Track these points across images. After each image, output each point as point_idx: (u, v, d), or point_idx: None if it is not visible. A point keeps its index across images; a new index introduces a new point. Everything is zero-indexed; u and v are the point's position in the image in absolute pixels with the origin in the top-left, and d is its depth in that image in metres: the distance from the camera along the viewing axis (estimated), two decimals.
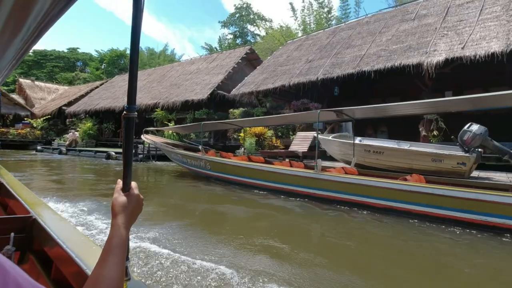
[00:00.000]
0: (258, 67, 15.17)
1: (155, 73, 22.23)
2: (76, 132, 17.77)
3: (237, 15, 39.39)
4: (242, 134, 11.20)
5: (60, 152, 16.51)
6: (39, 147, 18.77)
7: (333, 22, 26.76)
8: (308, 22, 28.89)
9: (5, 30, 0.75)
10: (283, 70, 13.11)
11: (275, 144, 11.17)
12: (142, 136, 10.61)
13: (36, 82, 30.87)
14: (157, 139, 10.82)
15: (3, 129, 21.69)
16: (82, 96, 26.49)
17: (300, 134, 9.98)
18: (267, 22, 37.82)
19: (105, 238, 0.75)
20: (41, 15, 0.71)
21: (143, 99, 18.20)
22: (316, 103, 11.48)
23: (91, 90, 27.40)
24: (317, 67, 11.41)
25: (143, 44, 42.82)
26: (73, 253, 0.92)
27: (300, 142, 9.33)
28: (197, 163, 8.16)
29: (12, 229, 1.20)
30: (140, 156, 13.03)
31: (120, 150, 6.09)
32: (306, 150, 8.91)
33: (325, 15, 28.48)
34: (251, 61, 18.21)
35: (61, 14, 0.73)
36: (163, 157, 12.79)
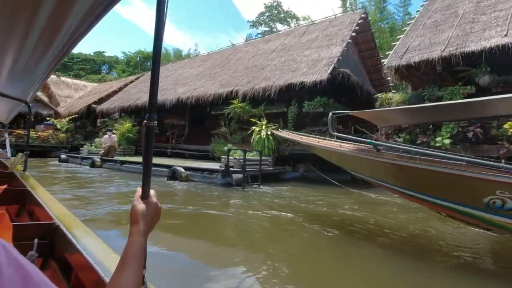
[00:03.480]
0: (410, 26, 9.20)
1: (212, 58, 16.84)
2: (113, 135, 12.44)
3: (266, 14, 38.26)
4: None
5: (93, 164, 11.17)
6: (63, 156, 13.64)
7: None
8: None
9: (38, 45, 1.00)
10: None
11: None
12: (277, 132, 5.08)
13: (62, 78, 26.48)
14: (296, 136, 5.12)
15: (19, 131, 16.91)
16: (115, 92, 21.64)
17: None
18: (299, 21, 34.99)
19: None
20: (70, 32, 0.91)
21: (207, 87, 12.69)
22: None
23: (125, 85, 22.54)
24: None
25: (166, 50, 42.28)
26: (93, 261, 0.92)
27: None
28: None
29: (36, 235, 1.19)
30: (237, 177, 7.30)
31: (187, 164, 5.36)
32: None
33: None
34: (360, 33, 12.27)
35: (88, 31, 0.92)
36: (270, 177, 7.57)
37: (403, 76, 9.16)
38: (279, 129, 9.36)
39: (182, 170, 8.03)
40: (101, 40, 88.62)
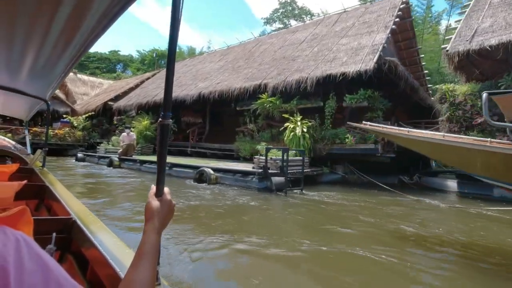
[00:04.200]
0: (471, 7, 7.93)
1: (233, 52, 15.90)
2: (132, 133, 11.66)
3: (280, 11, 37.59)
4: None
5: (111, 164, 10.42)
6: (79, 154, 13.02)
7: None
8: None
9: (57, 44, 1.04)
10: None
11: None
12: (364, 125, 4.00)
13: (79, 75, 26.23)
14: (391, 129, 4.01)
15: (36, 129, 16.50)
16: (131, 89, 21.10)
17: None
18: (313, 17, 33.91)
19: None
20: (88, 32, 0.94)
21: (230, 81, 11.75)
22: None
23: (142, 82, 21.97)
24: None
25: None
26: (109, 256, 0.93)
27: None
28: None
29: (54, 230, 1.20)
30: (277, 181, 6.30)
31: (214, 164, 7.36)
32: None
33: None
34: (401, 20, 10.97)
35: (104, 30, 0.93)
36: (306, 180, 7.18)
37: (462, 65, 7.92)
38: (363, 122, 8.39)
39: (211, 171, 7.10)
40: (114, 39, 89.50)
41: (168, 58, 0.69)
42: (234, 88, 10.90)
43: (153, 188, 0.72)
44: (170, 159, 9.86)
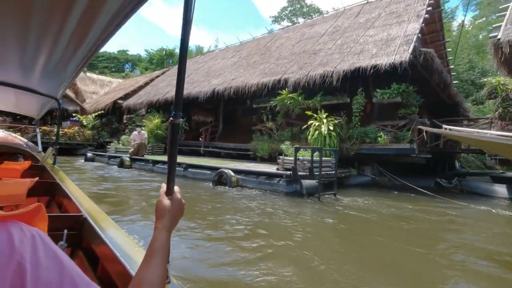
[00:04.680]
0: None
1: (246, 47, 15.26)
2: (143, 131, 11.10)
3: (289, 9, 37.39)
4: None
5: (122, 164, 9.90)
6: (89, 154, 12.56)
7: None
8: None
9: (69, 44, 1.06)
10: None
11: None
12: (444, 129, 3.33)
13: (88, 74, 25.94)
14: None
15: (45, 128, 16.16)
16: (141, 87, 20.67)
17: None
18: (322, 14, 32.23)
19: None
20: (99, 32, 0.95)
21: (246, 77, 11.11)
22: None
23: (151, 80, 21.54)
24: None
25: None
26: (119, 253, 0.93)
27: None
28: None
29: (65, 226, 1.22)
30: (308, 184, 5.64)
31: (231, 165, 6.94)
32: None
33: None
34: (433, 10, 10.11)
35: (116, 30, 0.95)
36: (337, 183, 5.62)
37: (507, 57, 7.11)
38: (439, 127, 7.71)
39: (232, 173, 6.47)
40: (121, 39, 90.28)
41: (180, 58, 0.70)
42: (251, 84, 10.26)
43: (164, 186, 0.72)
44: (184, 159, 9.28)
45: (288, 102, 9.13)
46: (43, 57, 1.25)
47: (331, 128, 7.75)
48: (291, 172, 5.65)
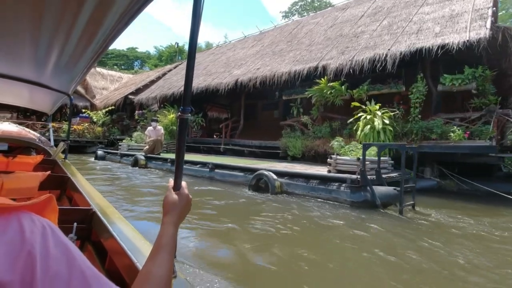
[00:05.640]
0: None
1: (268, 36, 13.97)
2: (159, 127, 9.90)
3: (299, 4, 36.59)
4: None
5: (136, 163, 8.78)
6: (100, 152, 11.51)
7: None
8: None
9: (81, 40, 1.08)
10: None
11: None
12: None
13: (98, 69, 25.07)
14: None
15: (53, 124, 15.24)
16: (152, 82, 19.63)
17: None
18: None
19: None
20: (110, 28, 0.96)
21: (274, 65, 9.86)
22: None
23: (163, 75, 20.50)
24: None
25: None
26: (126, 247, 0.93)
27: None
28: None
29: (75, 219, 1.23)
30: (381, 192, 4.35)
31: (264, 165, 5.96)
32: None
33: None
34: None
35: (126, 26, 0.96)
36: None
37: None
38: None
39: (274, 176, 5.22)
40: (129, 37, 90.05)
41: (189, 54, 0.71)
42: (281, 73, 8.99)
43: (171, 181, 0.73)
44: (206, 158, 8.10)
45: (328, 92, 7.84)
46: (55, 54, 1.30)
47: (387, 122, 6.44)
48: (357, 175, 4.38)
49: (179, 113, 0.73)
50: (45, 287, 0.37)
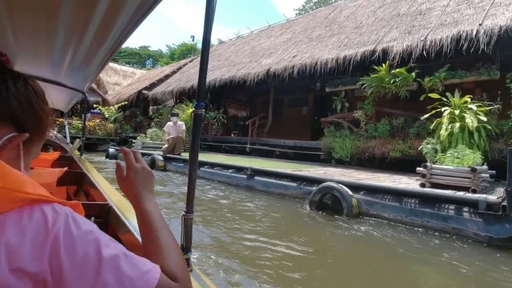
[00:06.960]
0: None
1: (298, 23, 12.45)
2: (180, 122, 8.49)
3: (313, 1, 35.07)
4: None
5: (153, 164, 7.43)
6: (111, 150, 10.26)
7: None
8: None
9: (95, 39, 1.09)
10: None
11: None
12: None
13: (111, 64, 24.04)
14: None
15: (62, 120, 14.15)
16: (167, 77, 18.40)
17: None
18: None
19: None
20: (123, 25, 0.96)
21: (313, 52, 8.35)
22: None
23: (178, 69, 19.24)
24: None
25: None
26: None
27: None
28: None
29: (92, 214, 1.27)
30: None
31: (318, 171, 5.28)
32: None
33: None
34: None
35: (139, 23, 0.96)
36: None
37: None
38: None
39: (348, 191, 3.74)
40: (141, 36, 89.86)
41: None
42: (325, 60, 7.48)
43: (119, 165, 0.69)
44: (234, 160, 6.69)
45: (392, 81, 6.29)
46: (70, 53, 1.33)
47: (483, 118, 4.85)
48: (497, 197, 2.85)
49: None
50: (74, 271, 0.38)
